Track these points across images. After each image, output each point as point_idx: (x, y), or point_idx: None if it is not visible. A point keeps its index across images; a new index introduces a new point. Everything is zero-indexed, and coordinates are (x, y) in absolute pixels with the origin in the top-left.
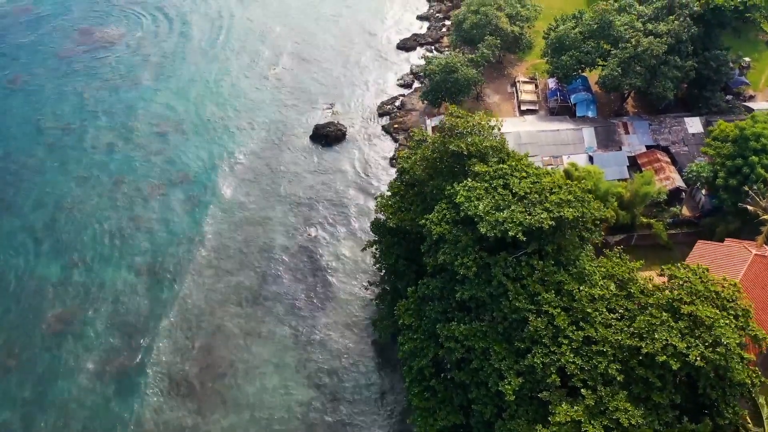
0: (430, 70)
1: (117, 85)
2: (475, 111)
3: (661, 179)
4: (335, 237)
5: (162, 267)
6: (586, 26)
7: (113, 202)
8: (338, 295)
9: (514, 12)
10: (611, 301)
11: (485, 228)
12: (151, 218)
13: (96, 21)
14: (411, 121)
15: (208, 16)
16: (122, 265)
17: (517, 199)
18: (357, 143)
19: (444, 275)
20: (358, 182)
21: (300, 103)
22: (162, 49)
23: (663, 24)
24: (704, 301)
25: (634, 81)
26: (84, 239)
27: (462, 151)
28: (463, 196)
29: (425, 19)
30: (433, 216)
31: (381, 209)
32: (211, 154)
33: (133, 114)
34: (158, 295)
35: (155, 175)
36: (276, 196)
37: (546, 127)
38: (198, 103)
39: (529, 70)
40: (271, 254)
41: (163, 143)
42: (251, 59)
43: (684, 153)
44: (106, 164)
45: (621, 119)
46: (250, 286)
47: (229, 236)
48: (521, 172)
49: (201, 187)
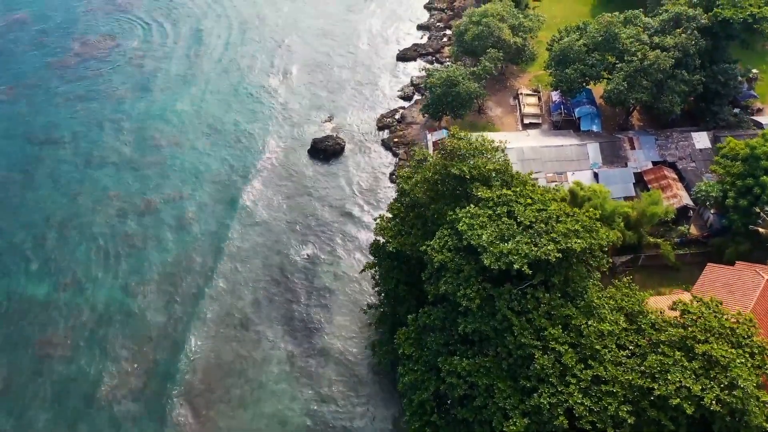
0: (431, 83)
1: (111, 97)
2: (477, 124)
3: (668, 197)
4: (333, 256)
5: (154, 289)
6: (590, 38)
7: (106, 219)
8: (336, 317)
9: (516, 23)
10: (621, 336)
11: (489, 260)
12: (144, 237)
13: (91, 30)
14: (411, 135)
15: (203, 25)
16: (114, 286)
17: (522, 229)
18: (356, 158)
19: (446, 305)
20: (357, 199)
21: (298, 115)
22: (157, 59)
23: (670, 37)
24: (719, 338)
25: (640, 96)
26: (75, 258)
27: (464, 175)
28: (465, 223)
29: (425, 29)
30: (435, 242)
31: (380, 232)
32: (206, 170)
33: (128, 127)
34: (150, 318)
35: (149, 191)
36: (272, 214)
37: (550, 143)
38: (193, 115)
39: (532, 81)
40: (266, 275)
41: (157, 158)
42: (248, 70)
43: (691, 169)
44: (99, 179)
45: (626, 134)
46: (245, 309)
47: (225, 254)
48: (526, 198)
49: (195, 204)
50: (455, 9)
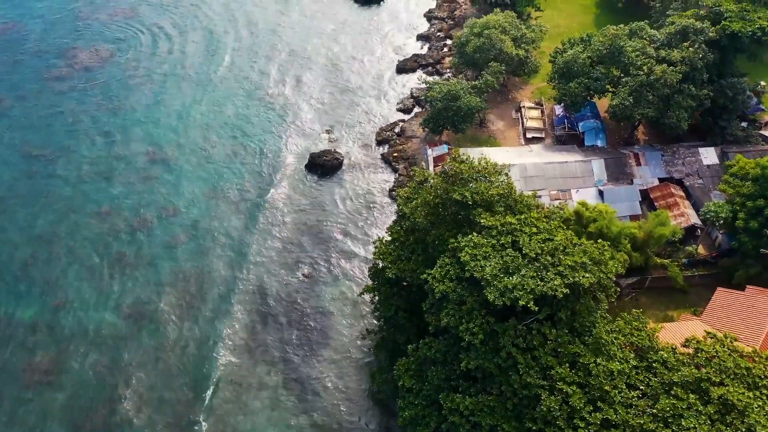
0: (431, 97)
1: (106, 110)
2: (479, 138)
3: (675, 215)
4: (331, 277)
5: (147, 309)
6: (595, 51)
7: (99, 236)
8: (334, 341)
9: (519, 34)
10: (631, 375)
11: (493, 295)
12: (138, 255)
13: (84, 40)
14: (411, 150)
15: (198, 35)
16: (107, 307)
17: (527, 261)
18: (354, 173)
19: (447, 337)
20: (356, 216)
21: (295, 128)
22: (153, 70)
23: (677, 51)
24: (734, 379)
25: (646, 111)
26: (66, 278)
27: (467, 201)
28: (468, 253)
29: (425, 39)
30: (436, 271)
31: (380, 256)
32: (202, 185)
33: (122, 140)
34: (143, 341)
35: (143, 207)
36: (268, 231)
37: (553, 159)
38: (189, 128)
39: (534, 93)
40: (262, 296)
41: (152, 172)
42: (244, 82)
43: (699, 186)
44: (92, 195)
45: (632, 149)
46: (239, 333)
47: (218, 276)
48: (531, 227)
49: (190, 221)
50: (456, 18)
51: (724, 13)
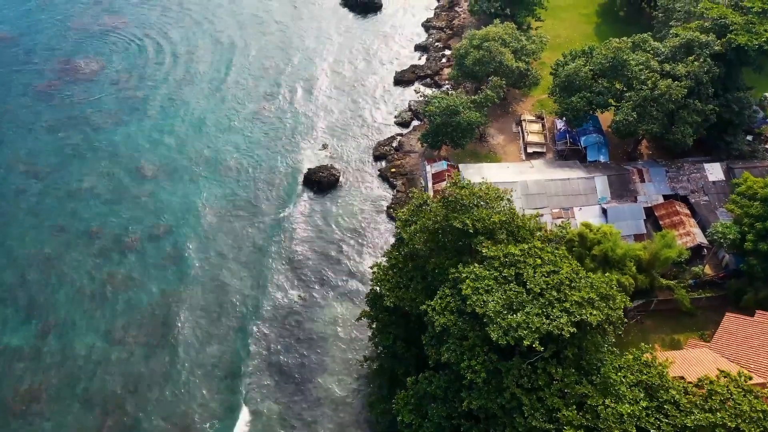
0: (430, 111)
1: (96, 124)
2: (479, 153)
3: (680, 235)
4: (328, 299)
5: (138, 334)
6: (597, 64)
7: (90, 257)
8: (330, 367)
9: (519, 46)
10: (641, 418)
11: (496, 334)
12: (129, 276)
13: (76, 51)
14: (409, 165)
15: (191, 46)
16: (97, 331)
17: (532, 297)
18: (351, 190)
19: (448, 372)
20: (353, 236)
21: (290, 143)
22: (145, 82)
23: (682, 65)
24: (750, 423)
25: (650, 127)
26: (55, 301)
27: (467, 229)
28: (469, 286)
29: (423, 50)
30: (436, 303)
31: (377, 283)
32: (195, 203)
33: (113, 156)
34: (132, 369)
35: (135, 226)
36: (262, 252)
37: (555, 176)
38: (181, 143)
39: (535, 106)
40: (257, 319)
41: (144, 189)
42: (239, 94)
43: (704, 203)
44: (83, 213)
45: (636, 165)
46: (233, 357)
47: (212, 298)
48: (535, 257)
49: (183, 240)
50: (454, 28)
51: (730, 25)
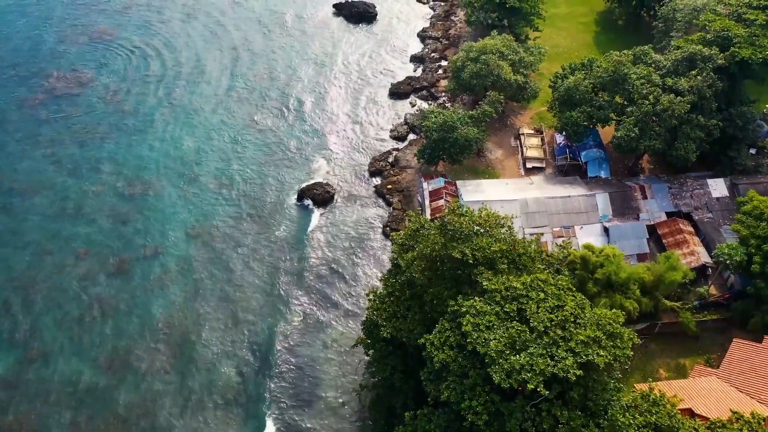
0: (427, 126)
1: (84, 140)
2: (477, 169)
3: (684, 254)
4: (323, 322)
5: (128, 361)
6: (597, 78)
7: (76, 280)
8: (326, 394)
9: (517, 58)
10: None
11: (499, 375)
12: (118, 299)
13: (64, 64)
14: (406, 181)
15: (182, 59)
16: (85, 359)
17: (535, 336)
18: (346, 207)
19: (448, 411)
20: (349, 256)
21: (284, 158)
22: (134, 96)
23: (684, 79)
24: None
25: (652, 143)
26: (42, 327)
27: (467, 259)
28: (470, 322)
29: (419, 61)
30: (435, 337)
31: (374, 312)
32: (185, 222)
33: (101, 173)
34: (122, 397)
35: (123, 247)
36: (257, 272)
37: (555, 193)
38: (172, 160)
39: (533, 119)
40: (249, 345)
41: (132, 208)
42: (230, 108)
43: (708, 221)
44: (69, 234)
45: (637, 181)
46: (226, 384)
47: (205, 321)
48: (538, 291)
49: (172, 261)
50: (451, 38)
51: (733, 38)
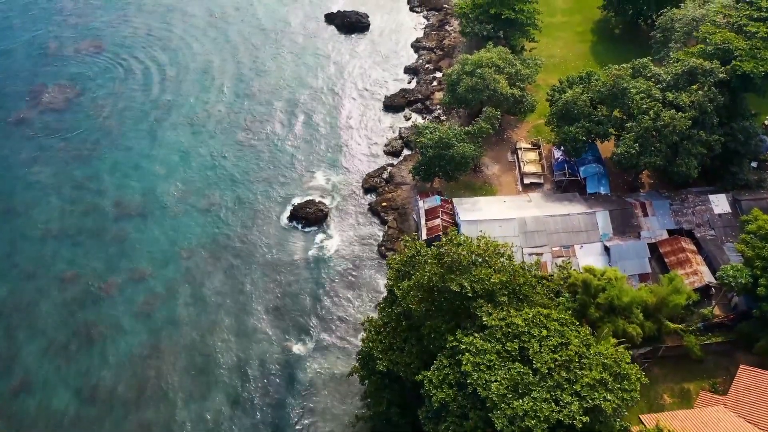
0: (421, 143)
1: (70, 158)
2: (473, 185)
3: (687, 273)
4: (317, 349)
5: (115, 391)
6: (596, 93)
7: (63, 306)
8: (319, 424)
9: (513, 71)
10: None
11: (501, 423)
12: (105, 326)
13: (50, 77)
14: (401, 199)
15: (172, 72)
16: (71, 389)
17: (539, 378)
18: (340, 226)
19: None
20: (343, 278)
21: (275, 175)
22: (121, 111)
23: (685, 94)
24: None
25: (653, 160)
26: (27, 356)
27: (466, 292)
28: (470, 361)
29: (413, 72)
30: (433, 374)
31: (369, 343)
32: (174, 243)
33: (88, 193)
34: (112, 427)
35: (111, 270)
36: (248, 296)
37: (554, 211)
38: (161, 178)
39: (530, 132)
40: (243, 372)
41: (119, 230)
42: (220, 123)
43: (710, 238)
44: (55, 256)
45: (638, 197)
46: (216, 414)
47: (194, 349)
48: (540, 328)
49: (161, 285)
50: (445, 48)
51: (734, 51)
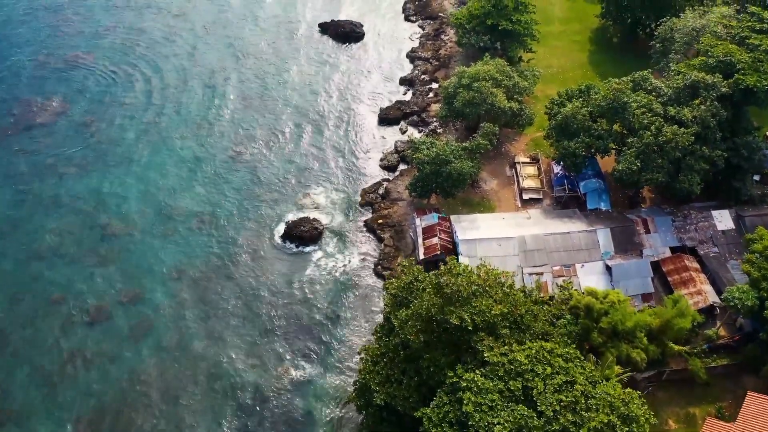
0: (418, 159)
1: (59, 174)
2: (471, 201)
3: (691, 293)
4: (314, 374)
5: (104, 420)
6: (595, 107)
7: (50, 331)
8: None
9: (511, 84)
10: None
11: None
12: (95, 351)
13: (36, 90)
14: (397, 215)
15: (162, 84)
16: (61, 419)
17: (544, 422)
18: (335, 244)
19: None
20: (338, 299)
21: (269, 192)
22: (112, 125)
23: (687, 109)
24: None
25: (655, 176)
26: (13, 385)
27: (466, 325)
28: (471, 401)
29: (409, 83)
30: (432, 412)
31: (366, 375)
32: (166, 264)
33: (77, 211)
34: None
35: (100, 292)
36: (243, 319)
37: (554, 229)
38: (151, 196)
39: (529, 146)
40: (238, 398)
41: (109, 249)
42: (212, 137)
43: (714, 255)
44: (43, 278)
45: (639, 213)
46: None
47: (187, 374)
48: (544, 365)
49: (152, 308)
50: (441, 58)
51: (736, 64)
